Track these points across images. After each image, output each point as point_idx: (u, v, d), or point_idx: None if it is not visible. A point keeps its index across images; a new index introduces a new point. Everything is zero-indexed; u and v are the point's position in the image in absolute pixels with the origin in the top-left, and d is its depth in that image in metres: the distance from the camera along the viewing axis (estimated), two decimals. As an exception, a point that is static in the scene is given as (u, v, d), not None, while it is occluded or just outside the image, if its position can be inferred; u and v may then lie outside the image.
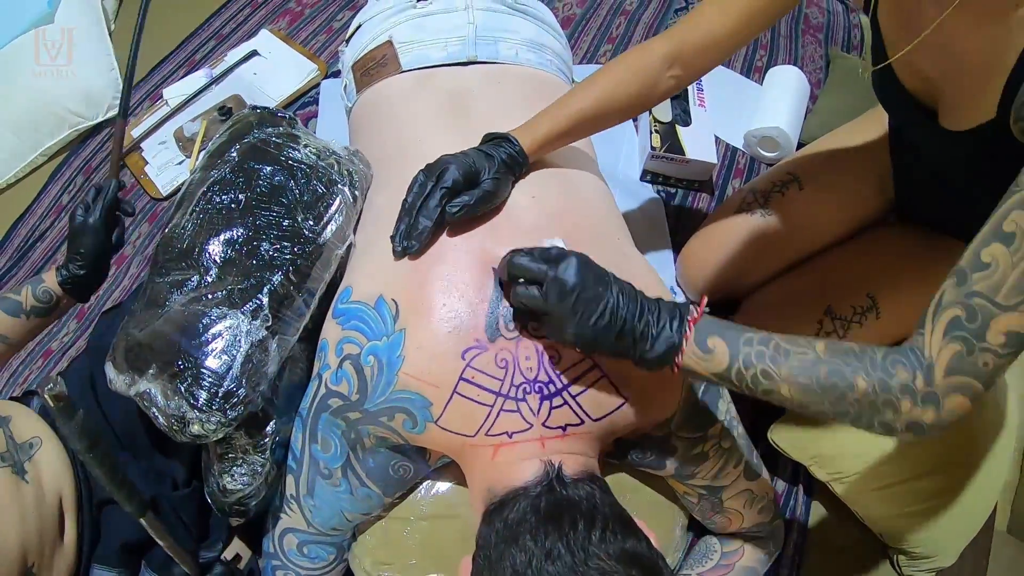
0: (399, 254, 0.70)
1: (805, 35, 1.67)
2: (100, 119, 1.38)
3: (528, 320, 0.66)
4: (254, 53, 1.46)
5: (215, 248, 0.70)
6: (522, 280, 0.61)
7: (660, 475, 0.79)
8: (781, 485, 1.09)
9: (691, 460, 0.74)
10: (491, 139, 0.76)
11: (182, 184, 1.26)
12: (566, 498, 0.57)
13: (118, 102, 1.40)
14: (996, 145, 0.62)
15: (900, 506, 0.98)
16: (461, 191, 0.69)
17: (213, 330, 0.64)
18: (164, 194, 1.28)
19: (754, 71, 1.56)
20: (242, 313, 0.65)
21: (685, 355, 0.59)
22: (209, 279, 0.69)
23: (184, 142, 1.31)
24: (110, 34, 1.49)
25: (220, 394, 0.62)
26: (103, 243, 0.81)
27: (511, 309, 0.66)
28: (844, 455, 0.98)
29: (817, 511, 1.08)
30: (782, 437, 1.01)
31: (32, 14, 1.40)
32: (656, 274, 0.79)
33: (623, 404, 0.67)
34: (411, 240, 0.69)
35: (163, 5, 1.60)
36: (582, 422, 0.65)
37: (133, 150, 1.33)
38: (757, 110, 1.39)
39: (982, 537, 1.06)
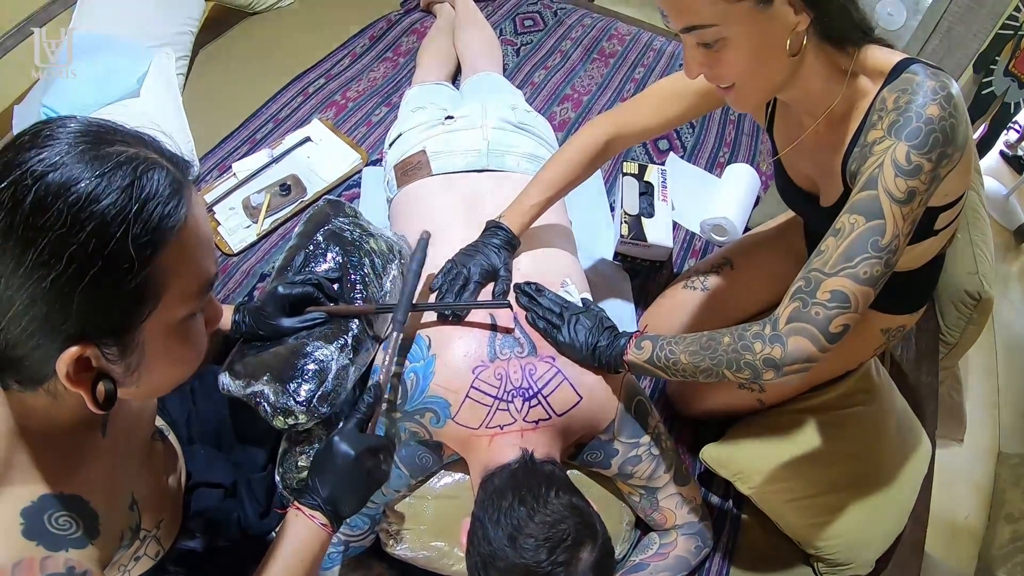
0: (449, 320, 0.99)
1: (764, 132, 1.96)
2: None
3: (539, 328, 0.98)
4: (307, 139, 1.73)
5: (311, 302, 1.00)
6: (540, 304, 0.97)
7: (607, 475, 1.06)
8: (715, 499, 1.25)
9: (629, 461, 1.02)
10: (489, 227, 1.07)
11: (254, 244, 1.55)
12: (534, 470, 0.86)
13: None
14: None
15: (810, 517, 1.13)
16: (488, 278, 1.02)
17: (313, 356, 0.93)
18: (235, 251, 1.52)
19: (717, 165, 1.82)
20: (333, 346, 0.95)
21: (629, 354, 0.91)
22: None
23: (251, 210, 1.58)
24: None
25: (316, 395, 0.91)
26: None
27: (503, 340, 0.96)
28: (761, 472, 1.12)
29: (745, 521, 1.24)
30: (711, 456, 1.16)
31: (122, 89, 1.64)
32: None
33: (579, 402, 0.96)
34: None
35: (228, 85, 1.90)
36: (550, 417, 0.94)
37: (207, 213, 1.63)
38: (712, 201, 1.63)
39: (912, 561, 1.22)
